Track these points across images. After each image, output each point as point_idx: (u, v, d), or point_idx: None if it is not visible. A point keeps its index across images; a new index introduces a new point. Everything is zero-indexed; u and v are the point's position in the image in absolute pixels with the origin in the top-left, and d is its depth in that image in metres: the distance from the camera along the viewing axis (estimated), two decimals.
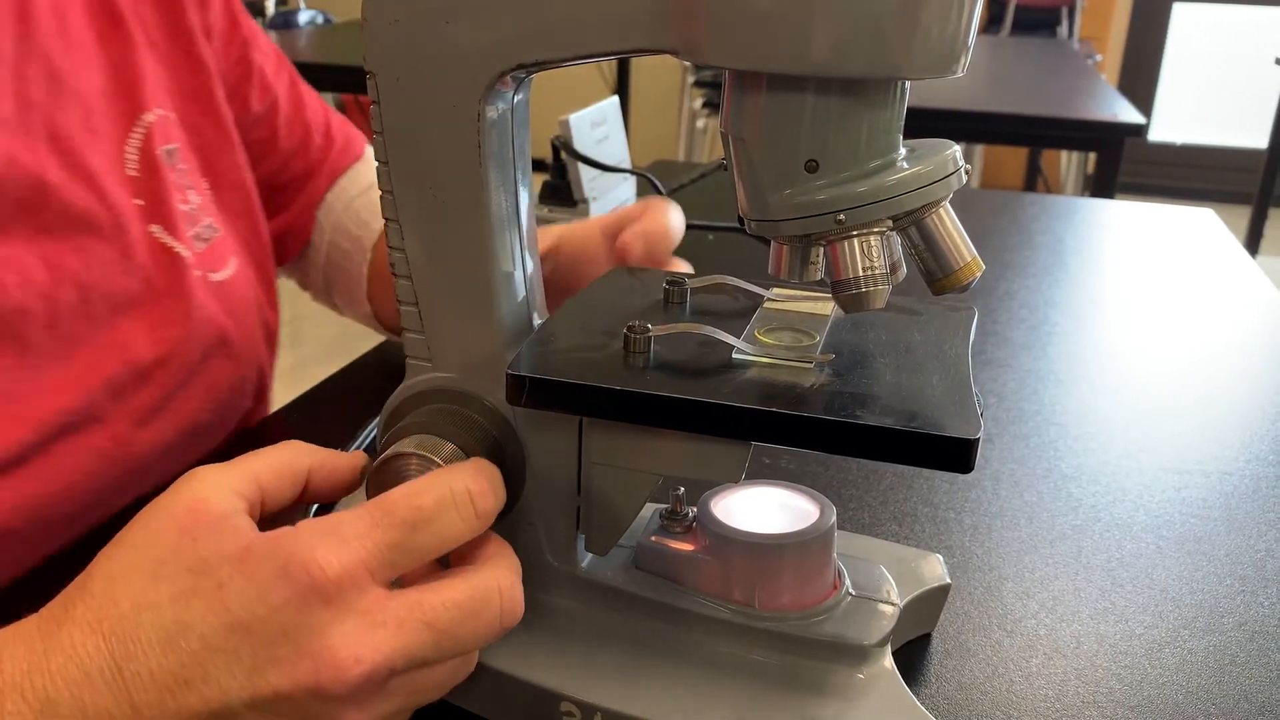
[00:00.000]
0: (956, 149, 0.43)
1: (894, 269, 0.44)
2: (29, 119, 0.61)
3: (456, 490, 0.42)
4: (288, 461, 0.44)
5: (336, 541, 0.39)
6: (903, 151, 0.42)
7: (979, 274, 0.44)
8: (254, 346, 0.73)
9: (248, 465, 0.43)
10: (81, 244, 0.61)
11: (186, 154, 0.71)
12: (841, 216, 0.42)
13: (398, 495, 0.41)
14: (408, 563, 0.40)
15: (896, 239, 0.44)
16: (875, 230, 0.42)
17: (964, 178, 0.43)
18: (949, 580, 0.56)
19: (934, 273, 0.44)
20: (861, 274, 0.42)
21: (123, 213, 0.64)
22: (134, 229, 0.65)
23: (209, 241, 0.70)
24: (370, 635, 0.38)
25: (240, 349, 0.71)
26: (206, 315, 0.68)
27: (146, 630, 0.37)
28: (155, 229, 0.66)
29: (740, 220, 0.45)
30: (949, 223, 0.43)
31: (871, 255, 0.42)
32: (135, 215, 0.65)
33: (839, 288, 0.43)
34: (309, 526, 0.39)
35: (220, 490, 0.40)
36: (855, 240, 0.42)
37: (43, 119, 0.61)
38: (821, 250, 0.45)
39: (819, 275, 0.46)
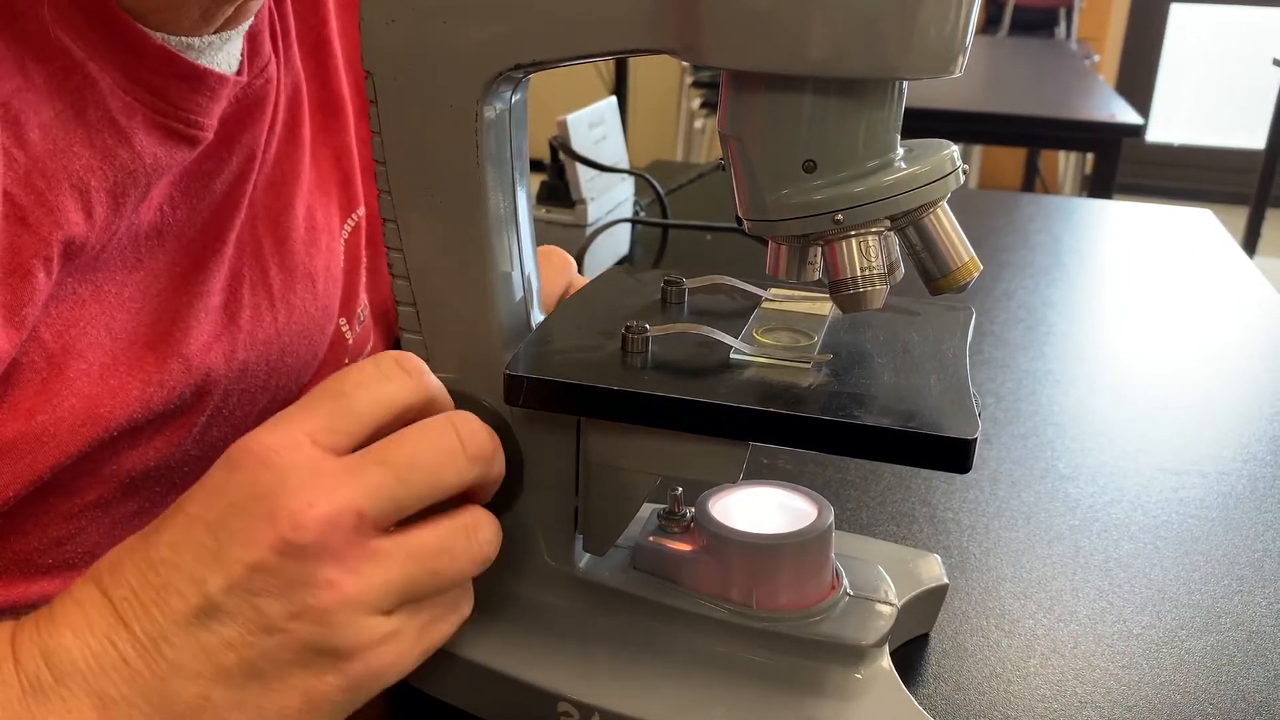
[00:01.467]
0: (954, 149, 0.43)
1: (892, 269, 0.44)
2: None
3: (380, 360, 0.42)
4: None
5: (272, 423, 0.39)
6: (900, 152, 0.42)
7: (976, 274, 0.44)
8: None
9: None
10: (288, 343, 0.61)
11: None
12: (839, 217, 0.42)
13: (323, 381, 0.41)
14: (349, 426, 0.40)
15: (894, 239, 0.44)
16: (873, 230, 0.42)
17: (961, 178, 0.43)
18: (947, 580, 0.56)
19: (932, 273, 0.44)
20: (859, 274, 0.42)
21: (330, 312, 0.64)
22: (330, 327, 0.64)
23: (362, 323, 0.69)
24: (320, 481, 0.37)
25: None
26: None
27: (125, 560, 0.38)
28: (341, 321, 0.66)
29: (738, 220, 0.45)
30: (947, 223, 0.43)
31: (869, 255, 0.42)
32: (335, 313, 0.65)
33: (837, 288, 0.43)
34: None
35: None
36: (853, 240, 0.42)
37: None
38: (819, 250, 0.45)
39: (817, 275, 0.46)
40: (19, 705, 0.35)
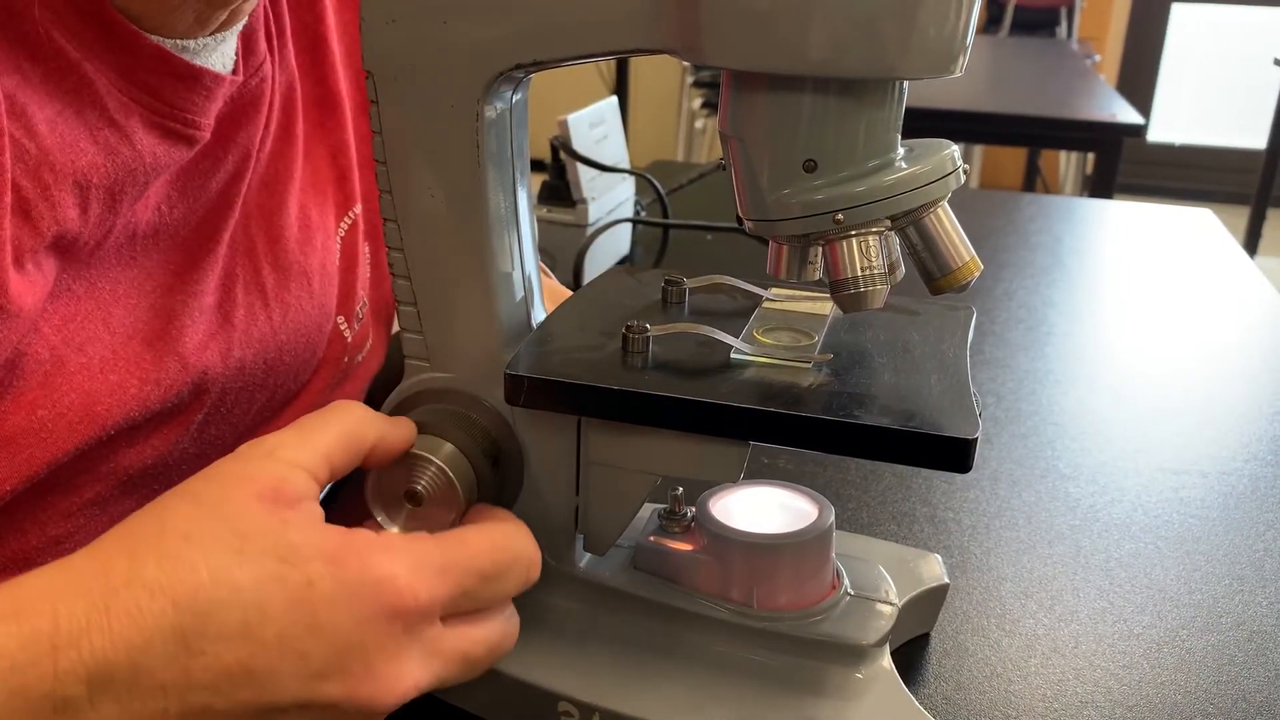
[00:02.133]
0: (955, 149, 0.43)
1: (892, 269, 0.44)
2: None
3: (524, 556, 0.44)
4: (355, 438, 0.43)
5: (429, 574, 0.39)
6: (901, 151, 0.42)
7: (977, 274, 0.44)
8: None
9: (319, 443, 0.42)
10: (285, 341, 0.61)
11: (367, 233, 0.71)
12: (840, 216, 0.42)
13: (479, 542, 0.42)
14: (467, 609, 0.42)
15: (895, 239, 0.44)
16: (873, 230, 0.42)
17: (962, 178, 0.43)
18: (947, 580, 0.56)
19: (932, 272, 0.44)
20: (860, 274, 0.42)
21: (327, 310, 0.64)
22: (327, 326, 0.64)
23: (361, 321, 0.69)
24: (428, 664, 0.39)
25: None
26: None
27: (223, 608, 0.35)
28: (339, 319, 0.66)
29: (739, 220, 0.45)
30: (947, 223, 0.43)
31: (870, 255, 0.42)
32: (332, 311, 0.65)
33: (837, 287, 0.43)
34: (400, 545, 0.40)
35: (297, 473, 0.40)
36: (854, 240, 0.42)
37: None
38: (820, 250, 0.45)
39: (817, 275, 0.46)
40: None
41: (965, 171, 0.44)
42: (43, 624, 0.34)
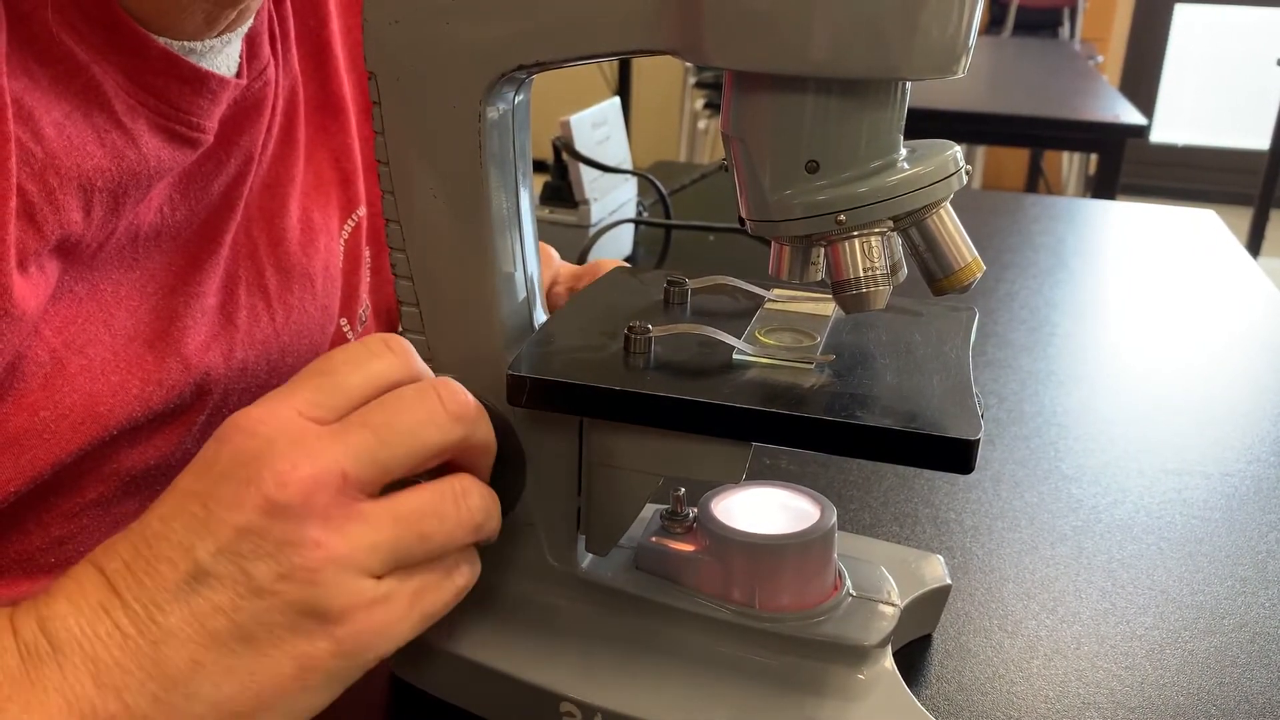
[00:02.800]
0: (957, 149, 0.43)
1: (894, 269, 0.44)
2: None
3: (368, 340, 0.42)
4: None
5: (259, 400, 0.39)
6: (903, 152, 0.42)
7: (980, 275, 0.44)
8: None
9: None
10: (287, 342, 0.61)
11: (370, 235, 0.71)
12: (842, 217, 0.42)
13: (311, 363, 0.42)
14: (336, 401, 0.40)
15: (897, 239, 0.44)
16: (876, 231, 0.42)
17: (965, 178, 0.43)
18: (949, 581, 0.56)
19: (935, 273, 0.44)
20: (862, 274, 0.42)
21: (330, 312, 0.64)
22: (330, 328, 0.65)
23: (364, 323, 0.69)
24: (304, 444, 0.38)
25: None
26: None
27: (120, 538, 0.38)
28: (343, 321, 0.66)
29: (741, 221, 0.45)
30: (950, 223, 0.43)
31: (872, 256, 0.42)
32: (335, 313, 0.65)
33: (840, 288, 0.43)
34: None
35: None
36: (856, 241, 0.42)
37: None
38: (822, 251, 0.45)
39: (820, 276, 0.46)
40: (18, 672, 0.36)
41: (968, 172, 0.44)
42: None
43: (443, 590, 0.42)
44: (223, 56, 0.53)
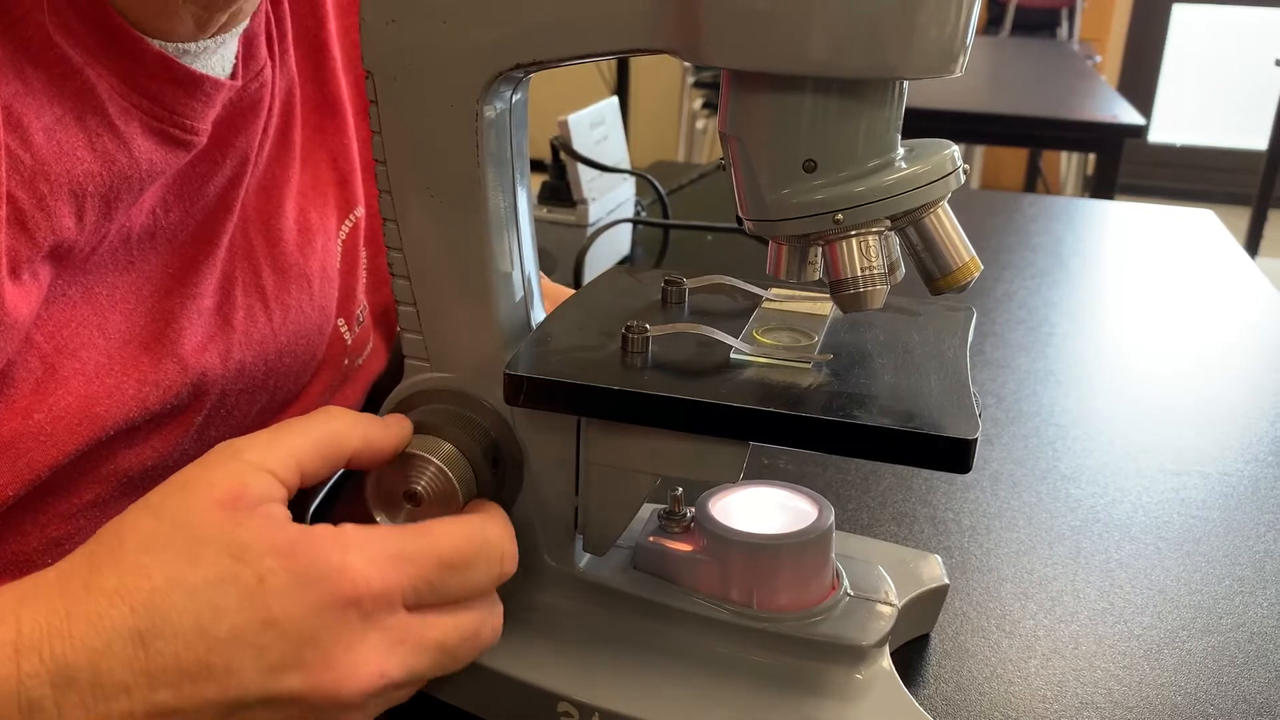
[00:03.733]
0: (955, 149, 0.43)
1: (892, 269, 0.44)
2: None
3: (493, 545, 0.43)
4: (333, 443, 0.44)
5: (383, 562, 0.39)
6: (901, 151, 0.42)
7: (977, 274, 0.44)
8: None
9: (292, 445, 0.42)
10: (285, 343, 0.61)
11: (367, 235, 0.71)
12: (839, 216, 0.41)
13: (443, 532, 0.42)
14: (431, 601, 0.41)
15: (895, 239, 0.44)
16: (873, 230, 0.42)
17: (962, 178, 0.43)
18: (947, 581, 0.56)
19: (932, 273, 0.44)
20: (860, 274, 0.42)
21: (327, 313, 0.64)
22: (327, 328, 0.64)
23: (361, 324, 0.69)
24: (391, 653, 0.39)
25: None
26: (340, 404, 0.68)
27: (178, 610, 0.36)
28: (340, 322, 0.66)
29: (739, 220, 0.45)
30: (947, 223, 0.43)
31: (870, 255, 0.42)
32: (332, 314, 0.65)
33: (837, 288, 0.43)
34: (355, 535, 0.40)
35: (261, 476, 0.40)
36: (853, 240, 0.42)
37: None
38: (820, 250, 0.45)
39: (817, 275, 0.46)
40: None
41: (965, 172, 0.44)
42: (6, 632, 0.35)
43: (414, 689, 0.43)
44: (217, 58, 0.53)
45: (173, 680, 0.36)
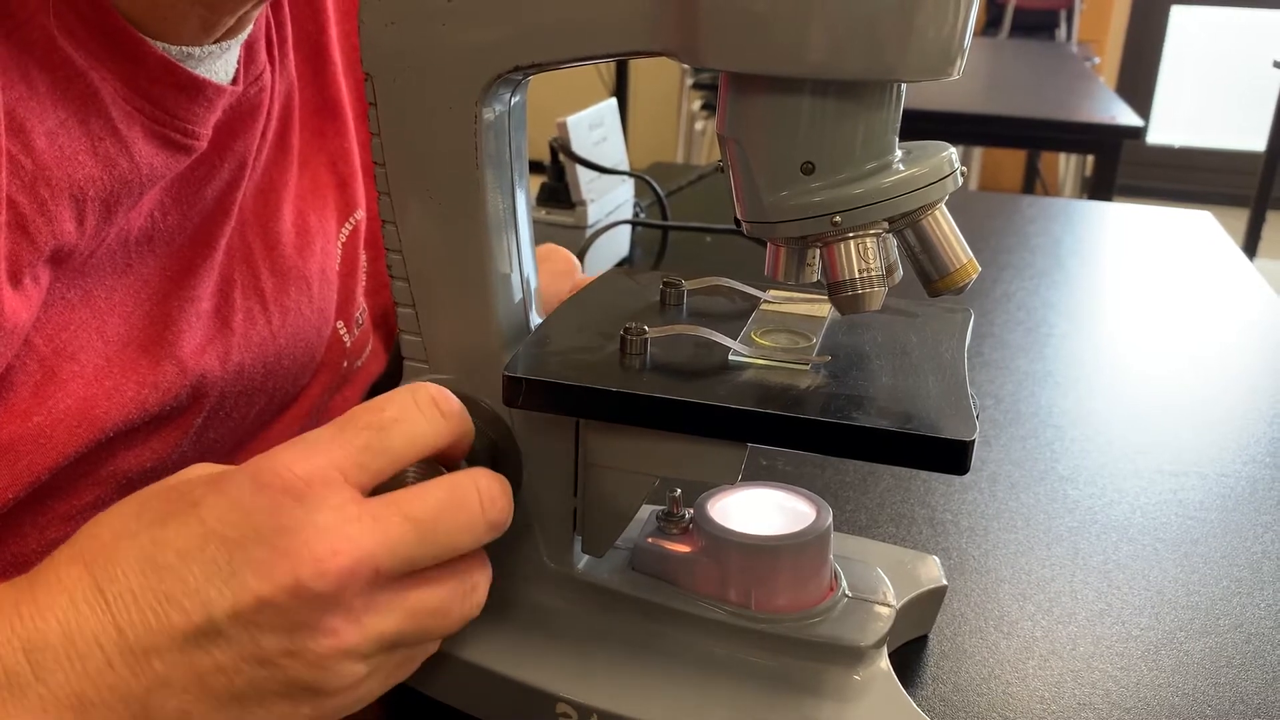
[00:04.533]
0: (953, 151, 0.43)
1: (890, 271, 0.44)
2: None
3: (418, 395, 0.42)
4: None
5: (304, 447, 0.39)
6: (899, 153, 0.43)
7: (975, 276, 0.44)
8: None
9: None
10: (284, 345, 0.61)
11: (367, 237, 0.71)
12: (838, 218, 0.42)
13: (359, 408, 0.41)
14: (380, 464, 0.40)
15: (893, 241, 0.44)
16: (871, 232, 0.42)
17: (960, 180, 0.43)
18: (945, 582, 0.56)
19: (930, 274, 0.44)
20: (858, 275, 0.42)
21: (326, 315, 0.64)
22: (326, 331, 0.64)
23: (360, 326, 0.69)
24: (346, 528, 0.37)
25: None
26: (339, 406, 0.68)
27: (125, 553, 0.37)
28: (339, 324, 0.66)
29: (737, 222, 0.45)
30: (945, 225, 0.43)
31: (867, 257, 0.42)
32: (332, 317, 0.65)
33: (835, 289, 0.43)
34: (283, 446, 0.39)
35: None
36: (851, 242, 0.42)
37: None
38: (818, 252, 0.45)
39: (815, 277, 0.46)
40: None
41: (963, 174, 0.44)
42: None
43: (416, 661, 0.43)
44: (221, 63, 0.53)
45: (137, 620, 0.36)
